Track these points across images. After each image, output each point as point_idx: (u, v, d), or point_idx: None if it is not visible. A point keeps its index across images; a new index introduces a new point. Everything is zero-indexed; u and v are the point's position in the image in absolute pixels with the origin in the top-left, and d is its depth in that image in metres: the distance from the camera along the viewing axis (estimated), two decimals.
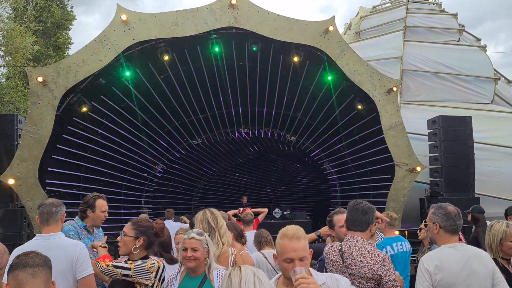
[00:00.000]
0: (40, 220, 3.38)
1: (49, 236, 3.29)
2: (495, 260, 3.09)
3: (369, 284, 2.86)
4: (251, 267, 1.92)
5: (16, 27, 20.41)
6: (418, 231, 6.22)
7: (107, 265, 3.00)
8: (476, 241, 6.43)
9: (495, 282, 2.83)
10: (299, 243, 2.20)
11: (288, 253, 2.21)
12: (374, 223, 3.20)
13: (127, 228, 3.20)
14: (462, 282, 2.76)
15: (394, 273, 2.85)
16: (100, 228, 4.35)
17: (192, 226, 7.00)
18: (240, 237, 4.45)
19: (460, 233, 6.50)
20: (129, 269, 3.00)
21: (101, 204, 4.11)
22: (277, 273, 4.37)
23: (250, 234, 5.56)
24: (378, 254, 2.93)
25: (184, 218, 10.19)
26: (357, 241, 2.99)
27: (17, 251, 3.12)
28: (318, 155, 12.16)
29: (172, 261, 3.99)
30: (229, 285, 1.83)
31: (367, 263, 2.87)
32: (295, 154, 14.38)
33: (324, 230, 5.17)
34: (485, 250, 6.51)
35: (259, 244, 5.04)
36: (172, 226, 8.19)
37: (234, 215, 6.93)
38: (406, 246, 5.15)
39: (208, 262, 3.01)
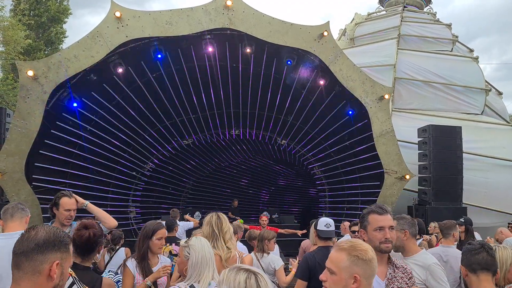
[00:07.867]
0: (3, 217, 3.25)
1: (15, 234, 3.03)
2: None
3: None
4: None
5: (8, 20, 20.18)
6: None
7: None
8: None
9: None
10: None
11: None
12: None
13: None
14: None
15: None
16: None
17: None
18: None
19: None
20: None
21: (65, 202, 3.76)
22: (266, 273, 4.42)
23: None
24: None
25: (187, 217, 10.19)
26: None
27: None
28: (308, 159, 12.14)
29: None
30: None
31: None
32: (285, 158, 14.37)
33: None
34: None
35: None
36: (181, 225, 8.48)
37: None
38: None
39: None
